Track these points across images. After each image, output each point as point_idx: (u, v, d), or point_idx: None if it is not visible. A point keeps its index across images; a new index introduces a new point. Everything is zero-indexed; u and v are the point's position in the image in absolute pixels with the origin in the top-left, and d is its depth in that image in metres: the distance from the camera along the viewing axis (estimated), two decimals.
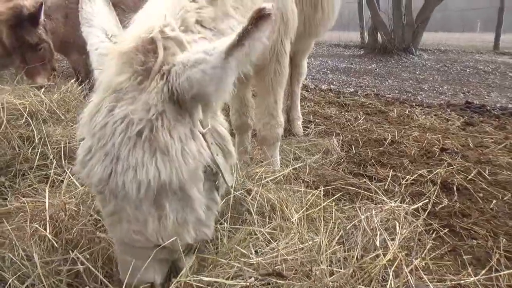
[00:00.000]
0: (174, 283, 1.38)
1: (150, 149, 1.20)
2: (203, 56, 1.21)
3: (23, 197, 2.09)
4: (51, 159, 2.48)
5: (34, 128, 2.63)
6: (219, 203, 1.58)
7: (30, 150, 2.53)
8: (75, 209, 1.83)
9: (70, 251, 1.49)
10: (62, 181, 2.17)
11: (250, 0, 1.80)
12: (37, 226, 1.64)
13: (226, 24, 1.61)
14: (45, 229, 1.63)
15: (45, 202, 1.80)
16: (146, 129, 1.20)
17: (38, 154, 2.47)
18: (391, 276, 1.44)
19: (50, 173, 2.29)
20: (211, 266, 1.54)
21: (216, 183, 1.50)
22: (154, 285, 1.43)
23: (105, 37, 1.51)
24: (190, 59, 1.24)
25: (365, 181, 2.61)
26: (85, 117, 1.30)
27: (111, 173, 1.21)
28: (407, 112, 4.69)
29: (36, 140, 2.57)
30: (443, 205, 2.37)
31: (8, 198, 2.16)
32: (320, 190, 2.04)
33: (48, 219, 1.67)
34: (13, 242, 1.54)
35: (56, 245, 1.58)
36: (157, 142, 1.21)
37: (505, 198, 2.48)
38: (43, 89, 3.20)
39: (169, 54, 1.30)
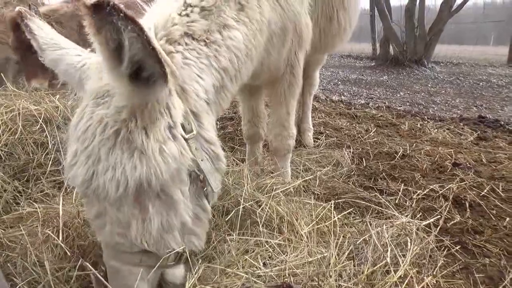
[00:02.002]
0: None
1: (128, 149, 1.25)
2: None
3: (35, 202, 2.13)
4: (63, 165, 2.51)
5: (48, 134, 2.67)
6: (209, 211, 1.57)
7: (43, 156, 2.57)
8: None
9: (81, 258, 1.51)
10: (74, 188, 2.19)
11: (257, 12, 1.81)
12: (50, 232, 1.65)
13: (225, 35, 1.64)
14: (58, 236, 1.65)
15: (56, 207, 1.82)
16: (122, 129, 1.25)
17: (52, 160, 2.50)
18: None
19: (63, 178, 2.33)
20: (218, 276, 1.54)
21: (205, 189, 1.50)
22: None
23: (87, 53, 1.54)
24: None
25: (375, 195, 2.59)
26: (72, 124, 1.37)
27: (93, 174, 1.26)
28: (418, 125, 4.65)
29: (50, 146, 2.61)
30: (455, 221, 2.34)
31: (21, 203, 2.19)
32: (331, 204, 2.03)
33: (61, 225, 1.68)
34: (26, 248, 1.56)
35: (68, 252, 1.59)
36: (134, 142, 1.25)
37: None
38: (58, 96, 3.26)
39: None
